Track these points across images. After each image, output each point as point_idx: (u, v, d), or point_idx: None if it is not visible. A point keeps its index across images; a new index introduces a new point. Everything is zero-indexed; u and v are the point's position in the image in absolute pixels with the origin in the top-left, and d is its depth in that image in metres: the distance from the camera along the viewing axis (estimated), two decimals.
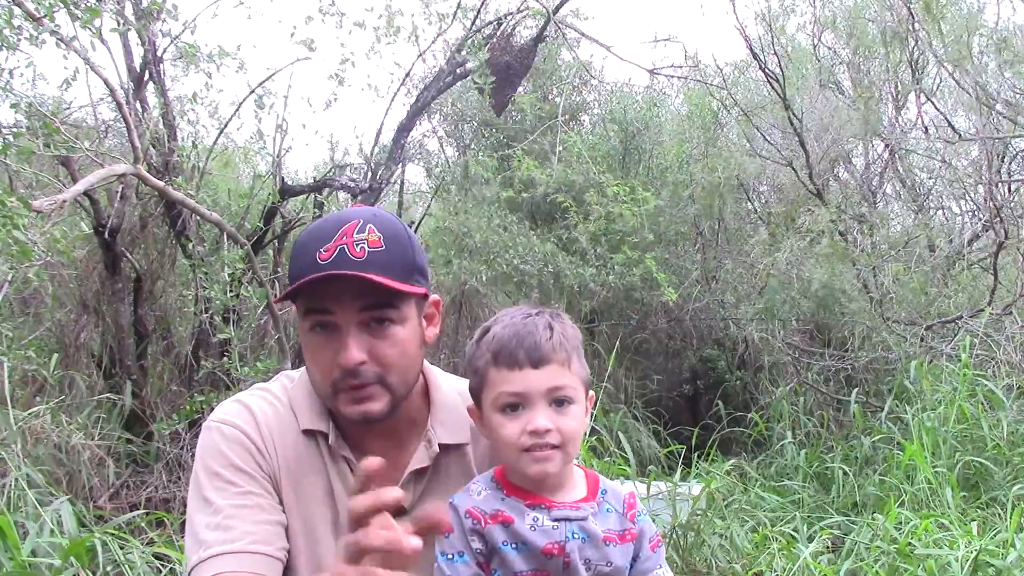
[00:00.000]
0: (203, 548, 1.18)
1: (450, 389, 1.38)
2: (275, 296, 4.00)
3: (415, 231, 5.94)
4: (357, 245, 1.20)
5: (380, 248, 1.21)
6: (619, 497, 1.26)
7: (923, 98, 6.52)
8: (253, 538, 1.19)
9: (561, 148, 5.82)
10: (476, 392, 1.24)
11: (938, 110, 6.23)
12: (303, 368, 1.36)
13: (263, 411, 1.30)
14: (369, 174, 4.99)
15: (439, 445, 1.32)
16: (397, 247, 1.23)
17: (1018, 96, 5.75)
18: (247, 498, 1.23)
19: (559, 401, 1.18)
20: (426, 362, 1.38)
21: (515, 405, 1.18)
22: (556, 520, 1.18)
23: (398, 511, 1.30)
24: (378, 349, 1.22)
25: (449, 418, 1.34)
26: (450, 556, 1.17)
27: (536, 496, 1.20)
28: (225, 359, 3.94)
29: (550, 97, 6.62)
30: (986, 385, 4.36)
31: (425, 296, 1.30)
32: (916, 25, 5.68)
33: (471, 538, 1.17)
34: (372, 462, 0.93)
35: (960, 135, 5.75)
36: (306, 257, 1.21)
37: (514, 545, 1.16)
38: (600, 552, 1.19)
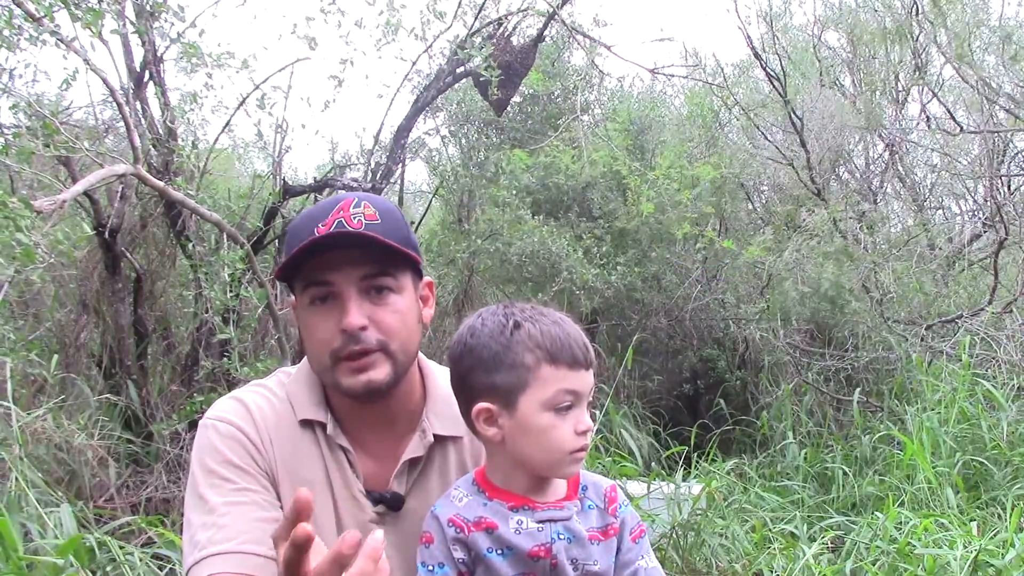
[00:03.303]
0: (197, 549, 1.18)
1: (447, 382, 1.37)
2: (275, 295, 4.00)
3: (415, 230, 6.00)
4: (354, 218, 1.22)
5: (376, 221, 1.23)
6: (600, 492, 1.25)
7: (926, 93, 6.53)
8: (246, 538, 1.18)
9: (583, 142, 5.87)
10: (511, 390, 1.16)
11: (941, 103, 6.24)
12: (300, 363, 1.37)
13: (259, 407, 1.30)
14: (370, 174, 4.98)
15: (434, 436, 1.33)
16: (392, 221, 1.26)
17: (1020, 91, 5.75)
18: (243, 495, 1.23)
19: (589, 402, 1.20)
20: (422, 355, 1.39)
21: (569, 405, 1.17)
22: (540, 521, 1.17)
23: (395, 503, 1.31)
24: (379, 315, 1.23)
25: (445, 410, 1.34)
26: (430, 567, 1.16)
27: (519, 498, 1.19)
28: (225, 359, 3.94)
29: (555, 96, 6.62)
30: (985, 386, 4.35)
31: (419, 274, 1.32)
32: (920, 18, 5.69)
33: (453, 548, 1.15)
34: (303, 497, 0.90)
35: (962, 128, 5.75)
36: (303, 234, 1.23)
37: (500, 551, 1.15)
38: (586, 551, 1.18)
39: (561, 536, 1.17)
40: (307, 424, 1.30)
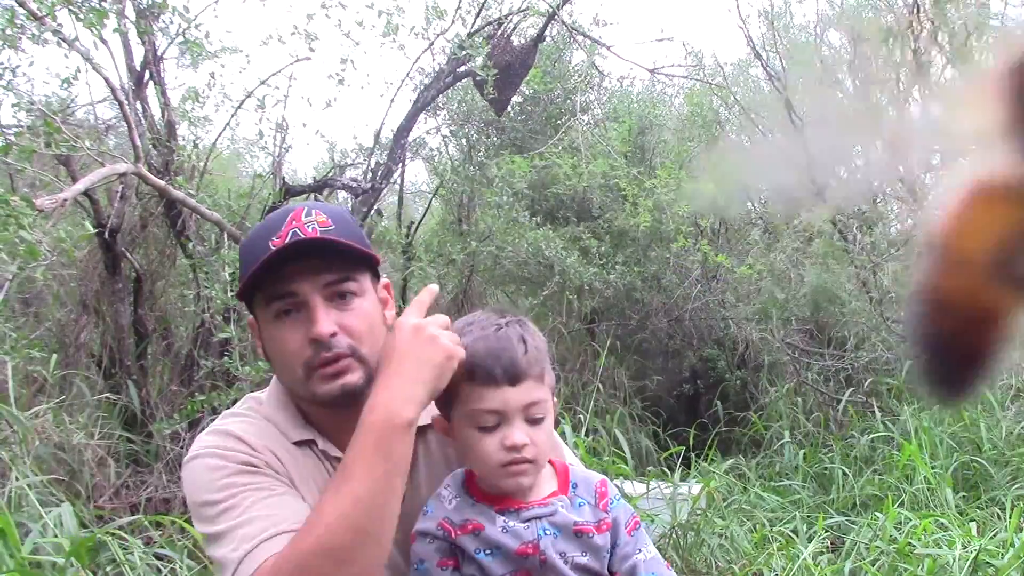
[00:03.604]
0: (246, 541, 1.14)
1: None
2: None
3: (416, 229, 6.00)
4: (308, 227, 1.23)
5: (330, 227, 1.24)
6: (590, 488, 1.25)
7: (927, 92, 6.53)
8: (297, 517, 1.15)
9: (583, 146, 5.87)
10: (443, 404, 1.21)
11: (941, 104, 6.23)
12: (268, 388, 1.36)
13: (245, 431, 1.28)
14: (370, 174, 4.98)
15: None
16: (345, 226, 1.27)
17: None
18: (273, 488, 1.21)
19: (533, 416, 1.18)
20: None
21: (493, 424, 1.17)
22: (526, 520, 1.18)
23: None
24: (346, 321, 1.24)
25: None
26: (423, 567, 1.18)
27: (505, 500, 1.20)
28: (225, 358, 3.94)
29: (555, 96, 6.61)
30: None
31: (377, 275, 1.33)
32: (921, 18, 5.68)
33: (443, 550, 1.17)
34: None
35: None
36: (258, 251, 1.23)
37: (488, 552, 1.16)
38: (574, 543, 1.18)
39: (547, 532, 1.18)
40: (301, 445, 1.30)
